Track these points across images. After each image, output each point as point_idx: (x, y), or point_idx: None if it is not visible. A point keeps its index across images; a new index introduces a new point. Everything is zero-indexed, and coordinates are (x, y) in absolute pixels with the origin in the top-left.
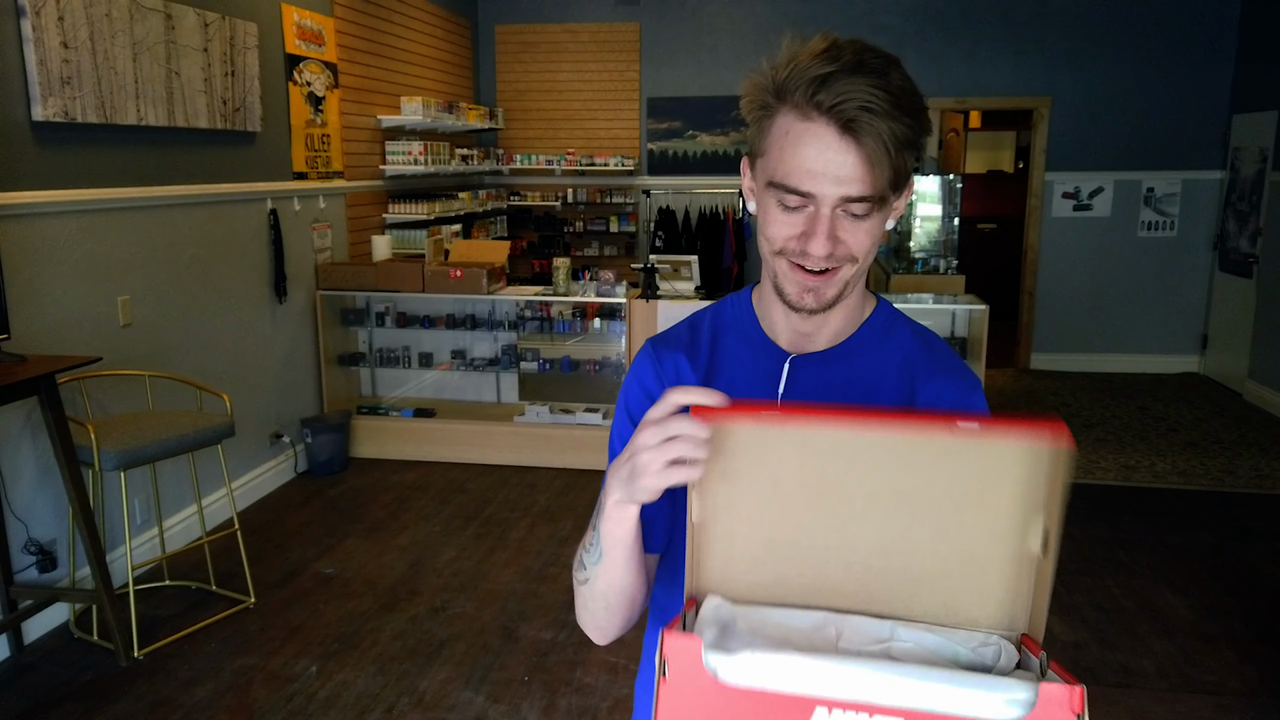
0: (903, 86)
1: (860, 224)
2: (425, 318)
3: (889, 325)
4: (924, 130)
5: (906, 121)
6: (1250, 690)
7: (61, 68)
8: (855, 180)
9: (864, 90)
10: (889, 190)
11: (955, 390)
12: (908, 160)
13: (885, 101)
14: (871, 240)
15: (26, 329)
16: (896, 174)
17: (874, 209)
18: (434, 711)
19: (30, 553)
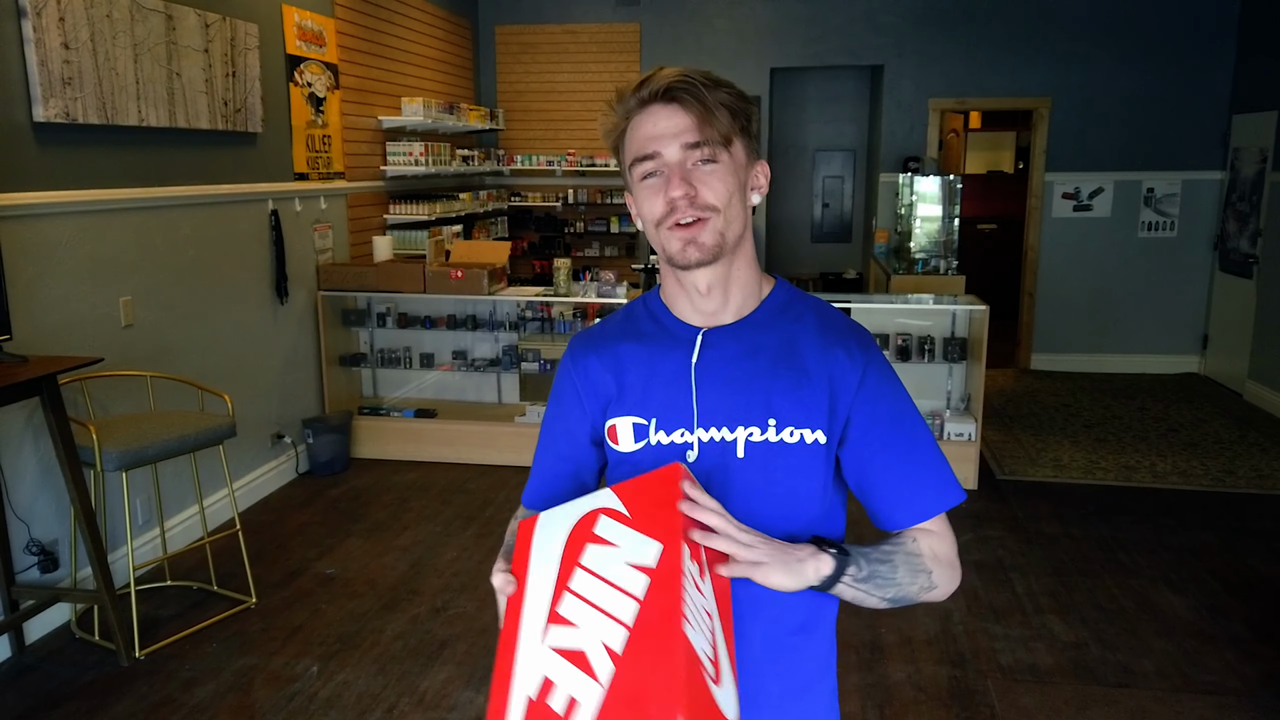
0: (712, 75)
1: (711, 174)
2: (426, 318)
3: (788, 302)
4: (744, 102)
5: (722, 89)
6: (1250, 690)
7: (62, 68)
8: (687, 130)
9: (676, 74)
10: (720, 139)
11: (855, 356)
12: (734, 119)
13: (697, 76)
14: (726, 189)
15: (28, 330)
16: (723, 125)
17: (716, 156)
18: (435, 711)
19: (32, 553)
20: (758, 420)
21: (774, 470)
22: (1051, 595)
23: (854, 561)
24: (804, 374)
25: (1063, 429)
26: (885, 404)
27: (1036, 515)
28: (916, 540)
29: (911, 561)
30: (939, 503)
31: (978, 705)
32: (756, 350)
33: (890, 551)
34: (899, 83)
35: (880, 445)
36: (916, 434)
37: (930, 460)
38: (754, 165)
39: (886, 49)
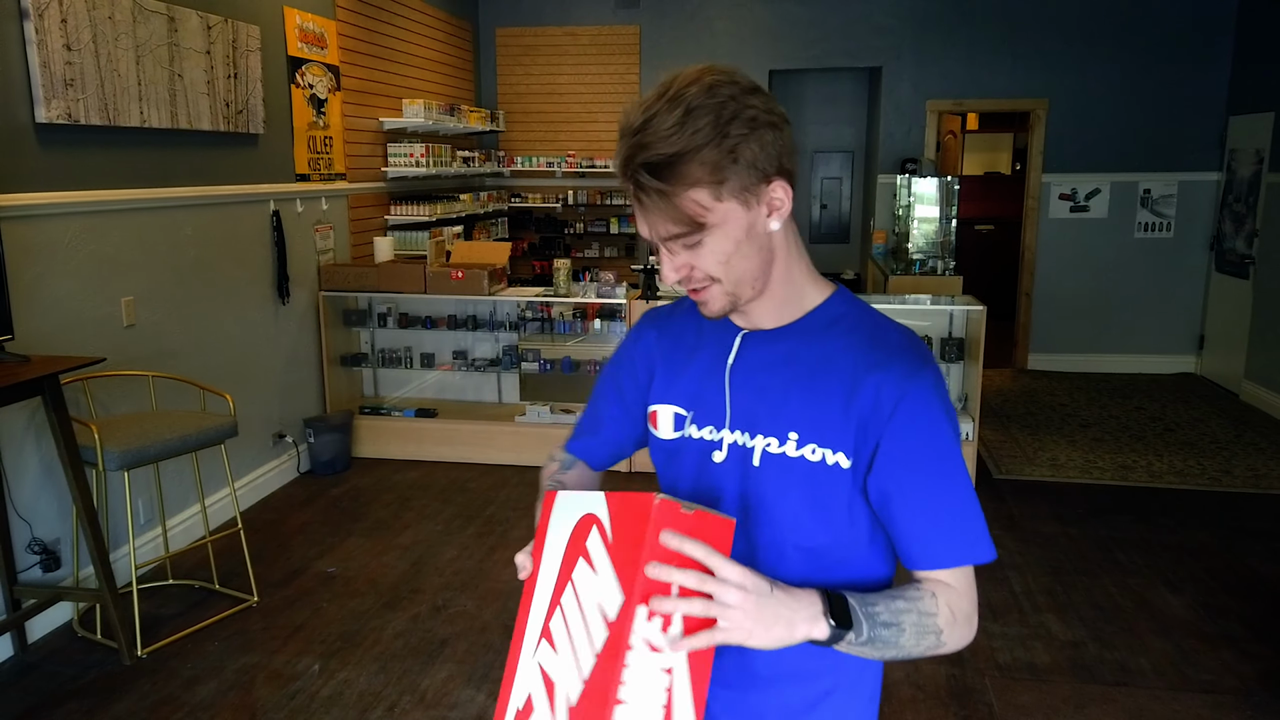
0: (643, 139)
1: (697, 251)
2: (427, 318)
3: (837, 317)
4: (718, 134)
5: (683, 146)
6: (1247, 689)
7: (64, 70)
8: (656, 227)
9: (628, 153)
10: (691, 222)
11: (893, 381)
12: (712, 173)
13: (651, 144)
14: (718, 259)
15: (30, 330)
16: (687, 207)
17: (691, 239)
18: (436, 710)
19: (34, 552)
20: (777, 432)
21: (789, 486)
22: (1049, 594)
23: (855, 629)
24: (834, 392)
25: (1060, 429)
26: (917, 440)
27: (1034, 515)
28: (935, 596)
29: (923, 623)
30: (961, 554)
31: (976, 704)
32: (790, 360)
33: (902, 610)
34: (897, 84)
35: (905, 482)
36: (947, 477)
37: (959, 508)
38: (760, 194)
39: (885, 51)
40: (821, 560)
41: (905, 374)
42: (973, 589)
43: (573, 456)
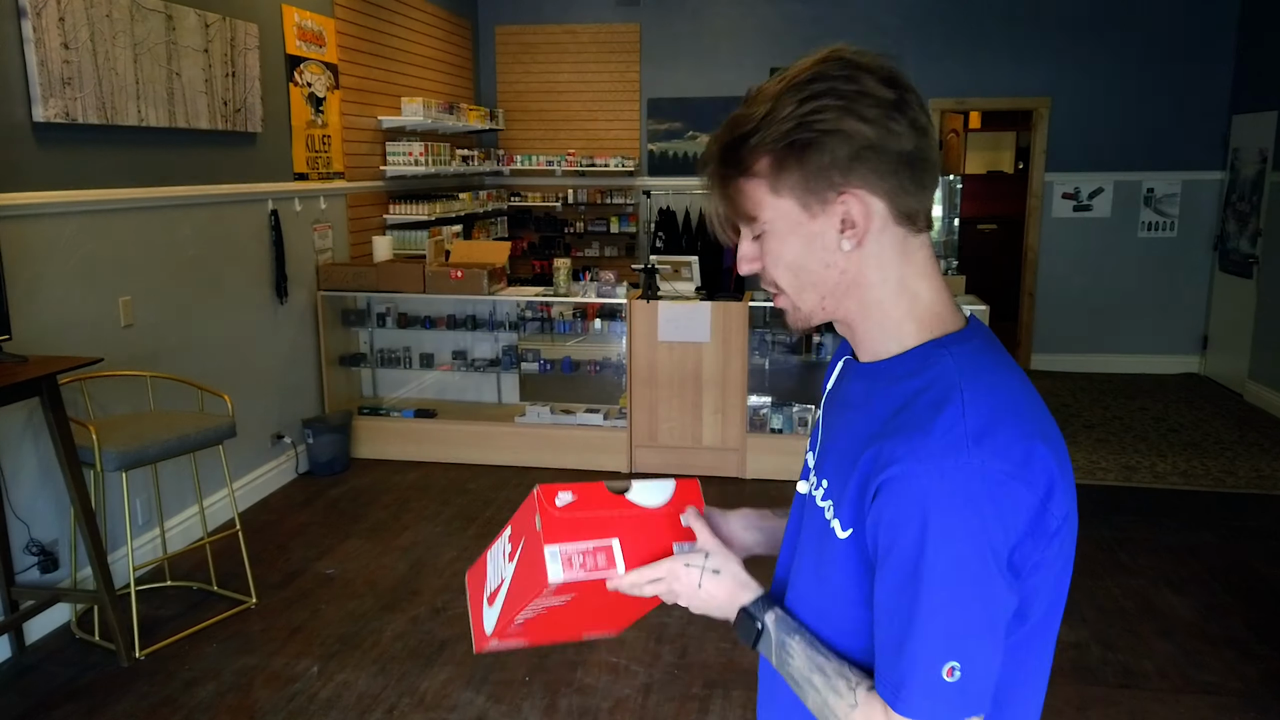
0: (736, 116)
1: (765, 249)
2: (426, 318)
3: (918, 369)
4: (798, 121)
5: (731, 154)
6: (1250, 690)
7: (62, 68)
8: (715, 207)
9: (709, 144)
10: (735, 215)
11: (883, 458)
12: (771, 167)
13: (713, 146)
14: (776, 262)
15: (28, 330)
16: (732, 200)
17: (758, 234)
18: (435, 712)
19: (32, 553)
20: (820, 473)
21: (810, 531)
22: None
23: (764, 645)
24: (851, 452)
25: (1063, 429)
26: (887, 538)
27: None
28: (855, 709)
29: (823, 713)
30: (890, 693)
31: None
32: (859, 404)
33: (817, 685)
34: None
35: (879, 580)
36: (898, 600)
37: (899, 644)
38: (826, 203)
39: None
40: (826, 621)
41: (904, 455)
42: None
43: None
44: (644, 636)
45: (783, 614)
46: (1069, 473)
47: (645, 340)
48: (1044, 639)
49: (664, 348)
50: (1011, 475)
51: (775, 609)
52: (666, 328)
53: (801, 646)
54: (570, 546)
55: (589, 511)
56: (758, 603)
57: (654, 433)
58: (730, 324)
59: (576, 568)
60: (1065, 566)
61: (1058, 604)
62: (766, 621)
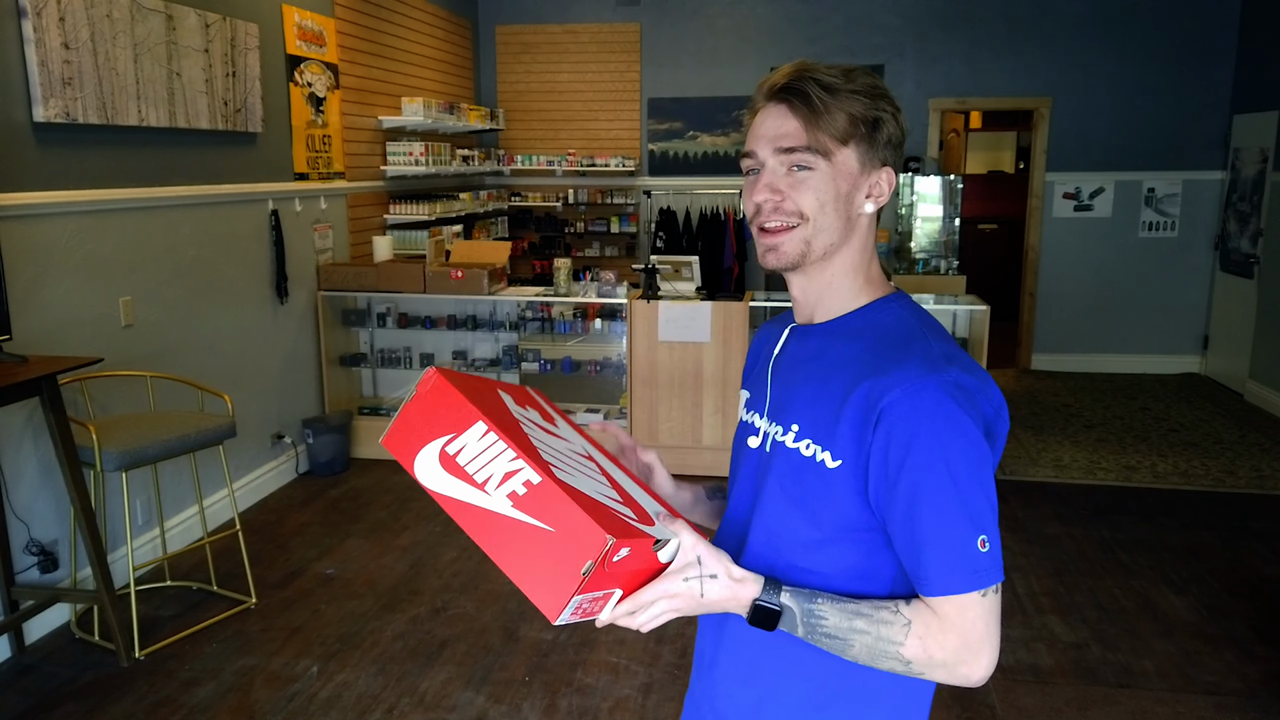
0: (842, 72)
1: (804, 181)
2: (426, 318)
3: (872, 323)
4: (873, 107)
5: (845, 92)
6: (1251, 690)
7: (62, 69)
8: (786, 135)
9: (793, 71)
10: (821, 143)
11: (882, 389)
12: (852, 125)
13: (818, 74)
14: (817, 199)
15: (28, 330)
16: (833, 130)
17: (813, 163)
18: (435, 712)
19: (32, 553)
20: (783, 422)
21: (786, 477)
22: (1052, 595)
23: (791, 630)
24: (835, 394)
25: (1063, 429)
26: (899, 454)
27: (1037, 515)
28: (910, 625)
29: (879, 647)
30: (943, 583)
31: (978, 705)
32: (818, 357)
33: (858, 629)
34: (899, 83)
35: (891, 501)
36: (931, 495)
37: (943, 532)
38: (873, 172)
39: (887, 49)
40: (818, 555)
41: (896, 382)
42: (976, 620)
43: None
44: (644, 636)
45: (792, 587)
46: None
47: (645, 340)
48: None
49: (664, 348)
50: (978, 389)
51: (784, 588)
52: (667, 328)
53: (830, 605)
54: (585, 597)
55: (625, 569)
56: (766, 590)
57: (654, 432)
58: (730, 324)
59: (580, 614)
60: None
61: None
62: (784, 602)
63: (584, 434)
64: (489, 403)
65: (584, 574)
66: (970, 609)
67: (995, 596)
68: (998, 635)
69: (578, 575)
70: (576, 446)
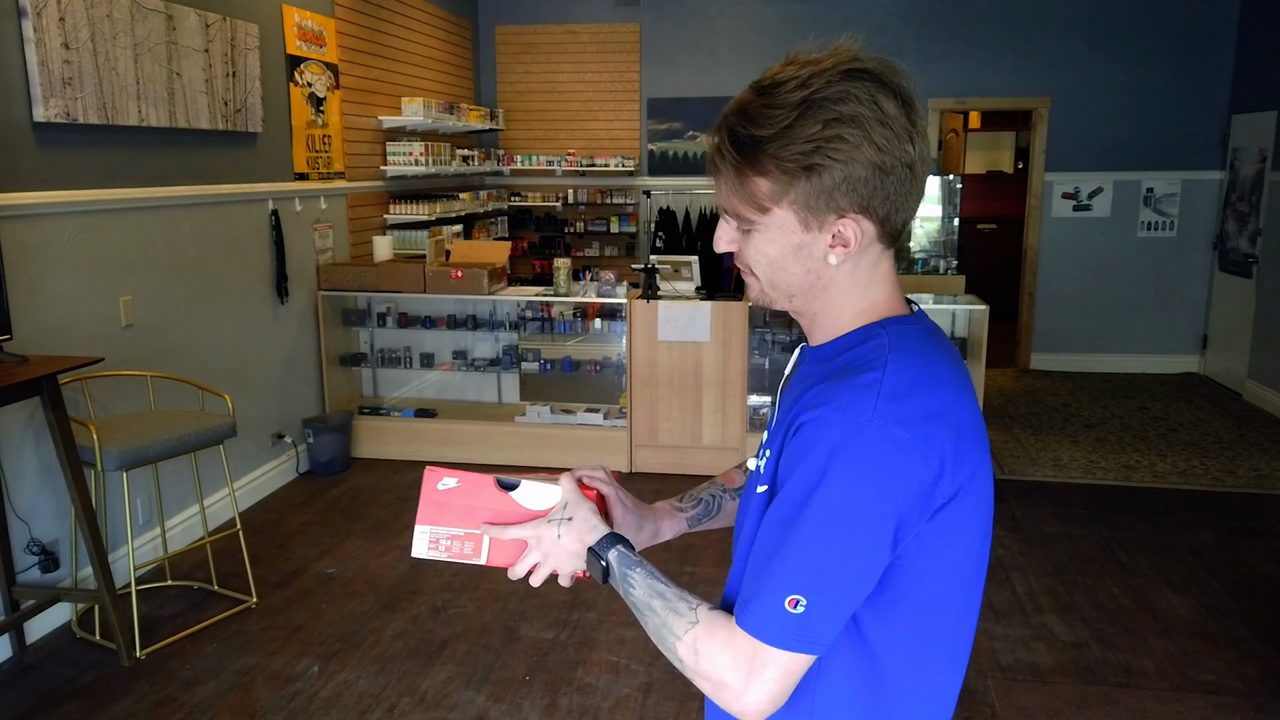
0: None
1: (749, 239)
2: (426, 318)
3: (848, 347)
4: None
5: (769, 140)
6: (1250, 690)
7: (63, 68)
8: (718, 195)
9: (723, 123)
10: (738, 207)
11: (801, 407)
12: (778, 180)
13: (749, 123)
14: (764, 257)
15: (28, 329)
16: (750, 196)
17: (751, 223)
18: (435, 711)
19: (33, 553)
20: (765, 446)
21: (746, 499)
22: (1051, 595)
23: (613, 580)
24: (788, 416)
25: (1062, 429)
26: (784, 472)
27: (1036, 515)
28: (697, 623)
29: (661, 633)
30: (744, 614)
31: (978, 705)
32: (803, 379)
33: (656, 608)
34: None
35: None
36: (774, 529)
37: (759, 567)
38: (825, 222)
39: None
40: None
41: (819, 402)
42: (760, 664)
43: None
44: (644, 636)
45: (625, 551)
46: (975, 459)
47: (645, 340)
48: (935, 626)
49: (664, 347)
50: (911, 446)
51: (618, 547)
52: (666, 327)
53: (642, 576)
54: (440, 530)
55: (468, 502)
56: (602, 541)
57: (654, 432)
58: (730, 324)
59: (442, 550)
60: (949, 546)
61: (947, 590)
62: (609, 558)
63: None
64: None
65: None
66: (761, 652)
67: (799, 660)
68: (777, 693)
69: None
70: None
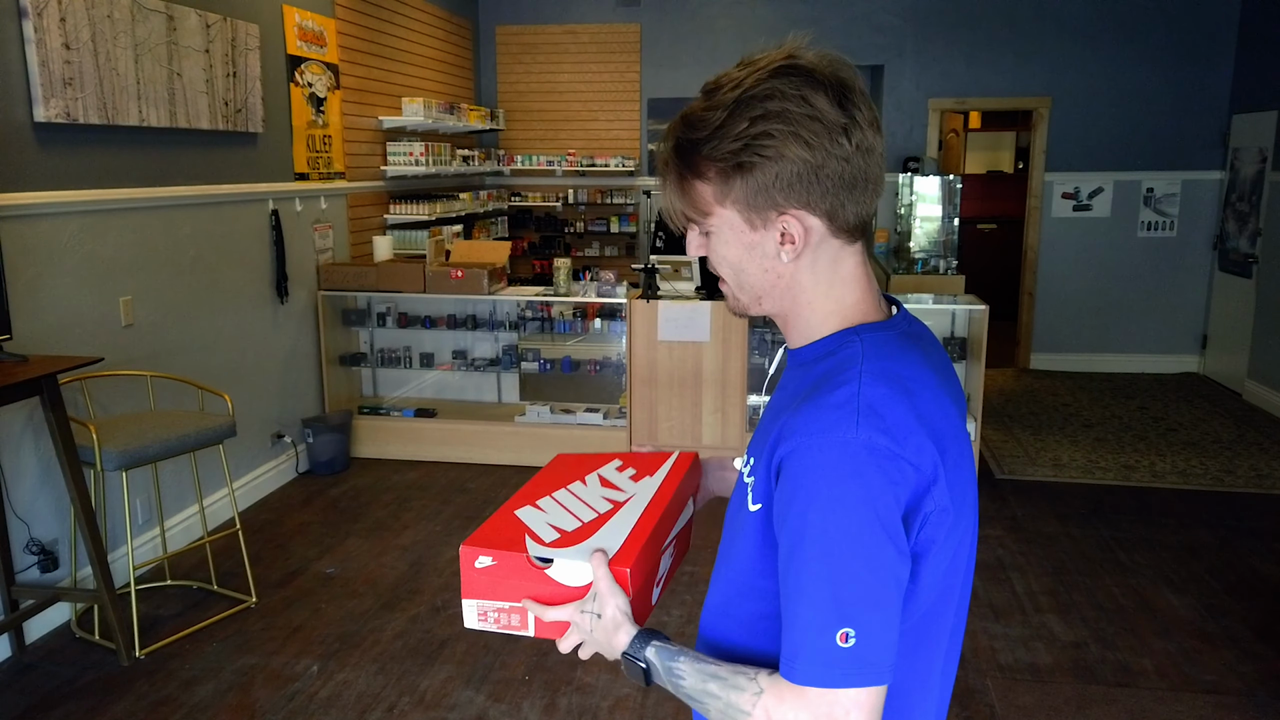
0: (693, 115)
1: (709, 244)
2: (426, 318)
3: (823, 356)
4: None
5: (703, 142)
6: (1249, 689)
7: (63, 69)
8: (667, 199)
9: (668, 131)
10: (687, 211)
11: (784, 437)
12: (715, 181)
13: (686, 128)
14: (724, 260)
15: (28, 329)
16: (693, 200)
17: (705, 227)
18: (435, 711)
19: (32, 552)
20: (747, 451)
21: (734, 504)
22: (1051, 595)
23: (656, 679)
24: (766, 429)
25: (1062, 428)
26: (782, 513)
27: (1036, 515)
28: (761, 695)
29: (729, 715)
30: (785, 664)
31: (977, 704)
32: (784, 385)
33: (712, 692)
34: (899, 83)
35: (781, 562)
36: (795, 573)
37: (796, 616)
38: (767, 219)
39: (886, 49)
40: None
41: (795, 431)
42: (823, 713)
43: None
44: None
45: (661, 643)
46: (961, 469)
47: (645, 340)
48: (918, 632)
49: (664, 347)
50: (897, 453)
51: (653, 642)
52: (666, 327)
53: (689, 664)
54: (488, 604)
55: (507, 579)
56: (634, 642)
57: (654, 432)
58: (730, 324)
59: (491, 622)
60: (937, 560)
61: (937, 599)
62: (648, 656)
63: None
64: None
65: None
66: (838, 701)
67: (874, 694)
68: None
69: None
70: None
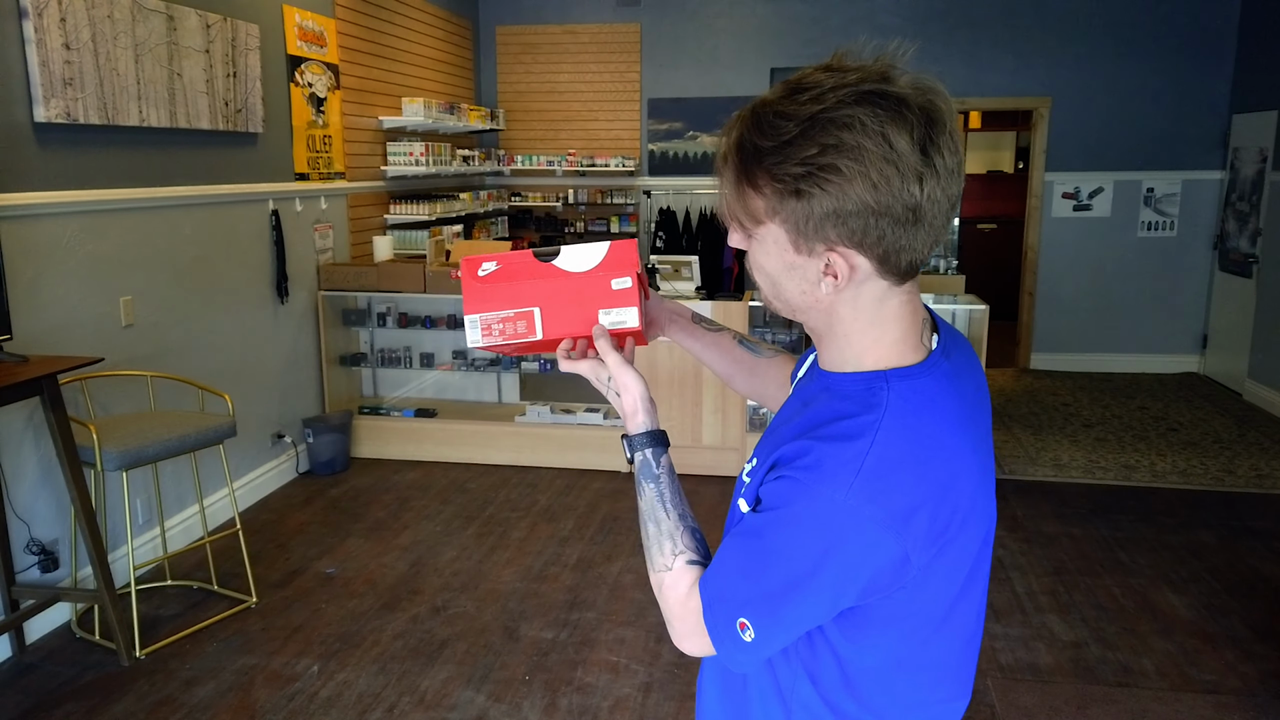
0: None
1: (753, 250)
2: (426, 318)
3: (849, 395)
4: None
5: (770, 152)
6: (1250, 689)
7: (63, 69)
8: (721, 194)
9: (745, 110)
10: (742, 220)
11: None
12: (770, 198)
13: (761, 129)
14: (762, 269)
15: (28, 329)
16: (745, 207)
17: (751, 234)
18: (435, 711)
19: (32, 553)
20: (754, 450)
21: (732, 507)
22: (1051, 594)
23: (634, 476)
24: (777, 441)
25: (1062, 428)
26: (756, 511)
27: (1036, 514)
28: (670, 570)
29: (651, 552)
30: (706, 594)
31: (977, 704)
32: (806, 401)
33: (660, 519)
34: None
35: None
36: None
37: (737, 579)
38: (814, 249)
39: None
40: None
41: (804, 461)
42: (689, 610)
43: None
44: (644, 636)
45: (650, 459)
46: (970, 522)
47: None
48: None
49: (664, 347)
50: (883, 524)
51: (646, 451)
52: None
53: (652, 493)
54: (491, 315)
55: (511, 281)
56: (637, 439)
57: None
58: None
59: (496, 335)
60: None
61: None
62: (635, 459)
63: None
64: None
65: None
66: (694, 601)
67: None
68: (709, 649)
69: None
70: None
